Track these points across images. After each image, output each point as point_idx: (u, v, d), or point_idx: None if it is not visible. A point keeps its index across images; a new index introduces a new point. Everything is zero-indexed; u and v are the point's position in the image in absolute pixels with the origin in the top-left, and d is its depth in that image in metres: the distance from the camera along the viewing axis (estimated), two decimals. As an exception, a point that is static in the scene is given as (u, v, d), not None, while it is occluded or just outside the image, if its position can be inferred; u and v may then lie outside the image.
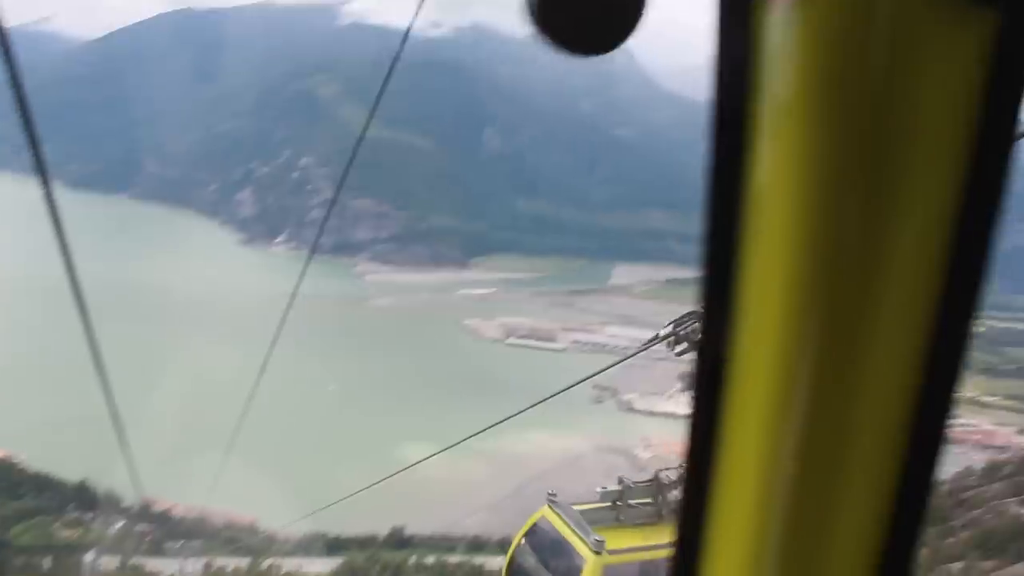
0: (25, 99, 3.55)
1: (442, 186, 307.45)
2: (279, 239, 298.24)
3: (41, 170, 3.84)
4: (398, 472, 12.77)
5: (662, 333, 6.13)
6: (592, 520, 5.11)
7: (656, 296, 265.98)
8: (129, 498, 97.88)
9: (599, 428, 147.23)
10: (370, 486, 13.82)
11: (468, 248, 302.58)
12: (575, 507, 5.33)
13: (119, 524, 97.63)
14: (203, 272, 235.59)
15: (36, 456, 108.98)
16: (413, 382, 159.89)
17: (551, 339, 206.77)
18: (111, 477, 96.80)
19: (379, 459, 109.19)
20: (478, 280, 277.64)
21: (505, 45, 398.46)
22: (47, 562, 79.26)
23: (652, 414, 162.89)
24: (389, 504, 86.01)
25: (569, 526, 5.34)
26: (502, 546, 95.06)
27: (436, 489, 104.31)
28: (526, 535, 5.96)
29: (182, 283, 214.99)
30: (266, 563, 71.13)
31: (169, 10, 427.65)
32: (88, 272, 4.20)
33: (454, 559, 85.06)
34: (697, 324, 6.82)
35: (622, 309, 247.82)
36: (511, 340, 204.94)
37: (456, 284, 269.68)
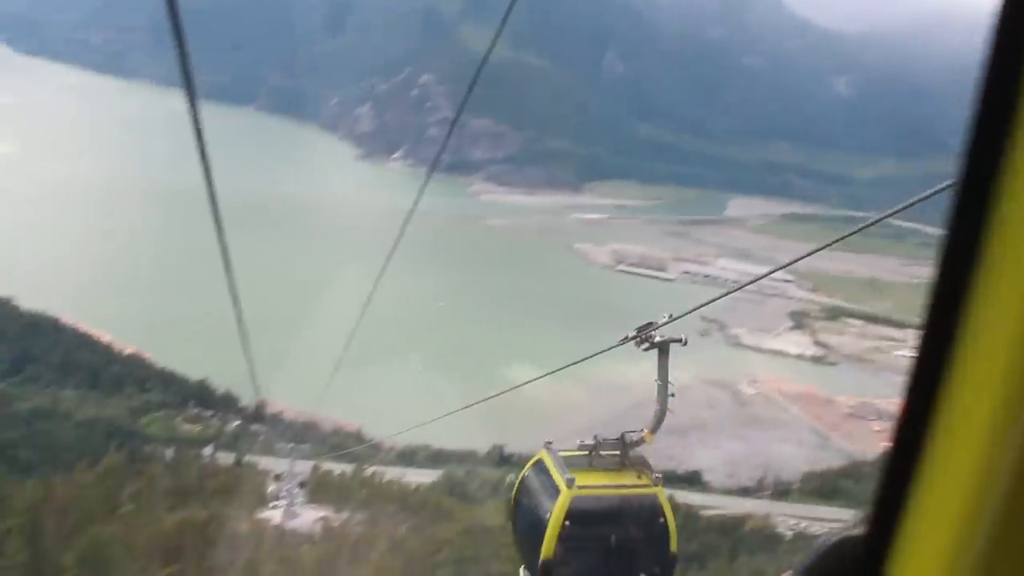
0: (178, 11, 3.66)
1: (560, 108, 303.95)
2: (396, 155, 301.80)
3: (188, 82, 4.04)
4: (502, 393, 13.10)
5: (630, 335, 7.07)
6: (571, 463, 6.87)
7: (772, 231, 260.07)
8: (246, 399, 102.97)
9: (704, 361, 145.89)
10: (473, 404, 14.23)
11: (583, 172, 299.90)
12: (560, 452, 6.73)
13: (235, 423, 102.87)
14: (322, 184, 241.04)
15: (163, 354, 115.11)
16: (522, 303, 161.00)
17: (661, 268, 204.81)
18: (229, 378, 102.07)
19: (484, 377, 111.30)
20: (591, 205, 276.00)
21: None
22: (170, 452, 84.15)
23: (759, 350, 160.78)
24: (491, 422, 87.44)
25: (554, 465, 6.94)
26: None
27: (537, 410, 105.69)
28: (531, 468, 6.98)
29: (302, 194, 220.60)
30: (369, 470, 73.66)
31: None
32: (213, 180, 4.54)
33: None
34: (651, 330, 7.76)
35: (736, 242, 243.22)
36: (621, 267, 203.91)
37: (569, 207, 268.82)
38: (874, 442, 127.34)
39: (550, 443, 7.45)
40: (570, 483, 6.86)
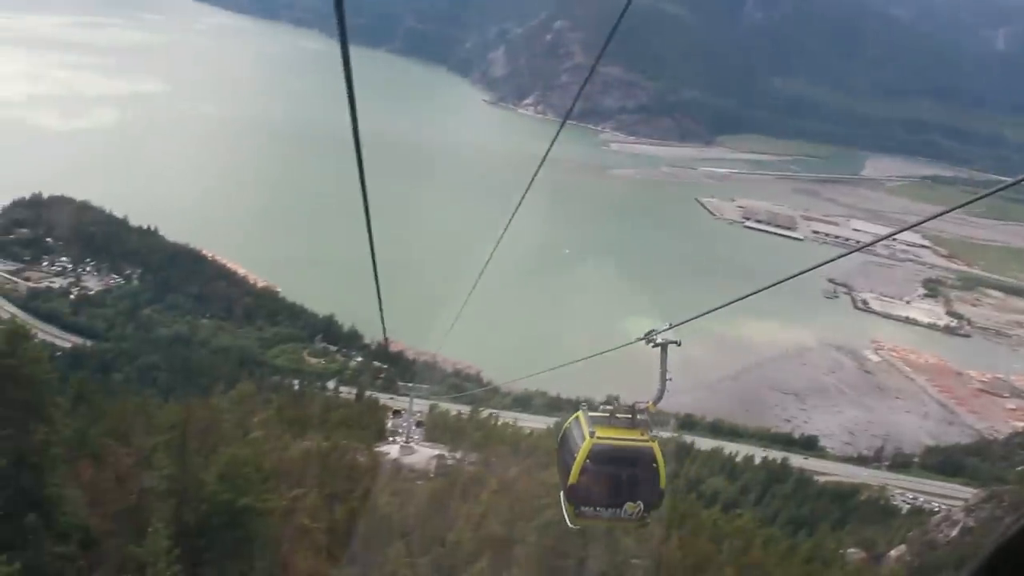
0: None
1: (695, 58, 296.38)
2: (527, 101, 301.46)
3: (341, 28, 3.97)
4: (625, 346, 13.46)
5: (638, 337, 9.47)
6: (597, 421, 9.58)
7: (910, 193, 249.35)
8: (369, 337, 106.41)
9: (829, 324, 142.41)
10: (593, 355, 14.69)
11: (715, 124, 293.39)
12: (591, 413, 9.79)
13: (358, 359, 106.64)
14: (452, 128, 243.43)
15: (293, 289, 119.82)
16: (645, 254, 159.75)
17: (790, 227, 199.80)
18: (355, 315, 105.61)
19: (604, 327, 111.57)
20: (722, 158, 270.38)
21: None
22: (296, 383, 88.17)
23: (888, 317, 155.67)
24: (607, 372, 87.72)
25: (585, 421, 9.74)
26: (713, 428, 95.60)
27: (655, 362, 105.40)
28: (571, 422, 10.22)
29: (432, 137, 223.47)
30: (485, 413, 75.17)
31: None
32: (345, 122, 4.79)
33: (664, 434, 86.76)
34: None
35: (871, 203, 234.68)
36: (749, 223, 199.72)
37: (698, 160, 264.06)
38: (1006, 420, 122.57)
39: (584, 406, 10.07)
40: (592, 434, 9.62)
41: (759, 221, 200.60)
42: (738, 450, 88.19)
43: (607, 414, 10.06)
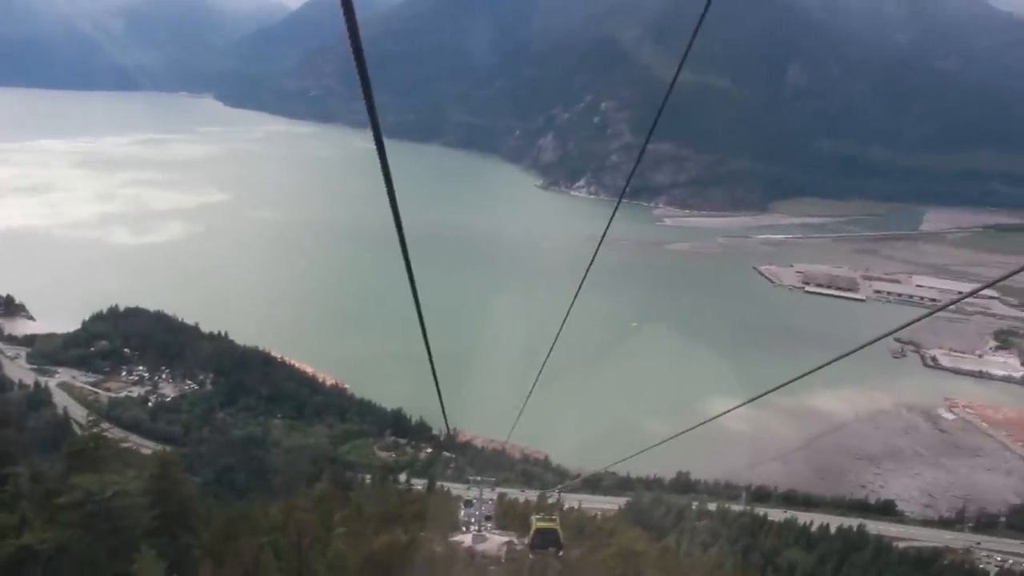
0: (362, 57, 3.80)
1: (742, 128, 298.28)
2: (579, 183, 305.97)
3: (374, 124, 4.28)
4: (696, 427, 14.02)
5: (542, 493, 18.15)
6: (539, 519, 29.10)
7: (973, 244, 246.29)
8: (437, 428, 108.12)
9: (899, 385, 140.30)
10: (665, 441, 15.18)
11: (768, 191, 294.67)
12: (537, 517, 29.54)
13: (428, 451, 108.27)
14: (507, 215, 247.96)
15: (360, 385, 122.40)
16: (707, 326, 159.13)
17: (851, 288, 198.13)
18: (422, 409, 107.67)
19: (672, 403, 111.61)
20: (776, 224, 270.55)
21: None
22: (368, 478, 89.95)
23: (959, 372, 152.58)
24: (676, 448, 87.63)
25: (535, 517, 29.64)
26: (786, 499, 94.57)
27: (724, 436, 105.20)
28: (532, 518, 31.16)
29: (488, 225, 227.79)
30: (553, 497, 76.00)
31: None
32: (402, 215, 5.24)
33: (736, 508, 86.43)
34: None
35: (933, 258, 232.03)
36: (808, 288, 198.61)
37: (754, 228, 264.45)
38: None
39: (539, 514, 31.49)
40: (536, 522, 29.46)
41: (819, 285, 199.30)
42: (813, 519, 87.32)
43: (541, 515, 30.22)
